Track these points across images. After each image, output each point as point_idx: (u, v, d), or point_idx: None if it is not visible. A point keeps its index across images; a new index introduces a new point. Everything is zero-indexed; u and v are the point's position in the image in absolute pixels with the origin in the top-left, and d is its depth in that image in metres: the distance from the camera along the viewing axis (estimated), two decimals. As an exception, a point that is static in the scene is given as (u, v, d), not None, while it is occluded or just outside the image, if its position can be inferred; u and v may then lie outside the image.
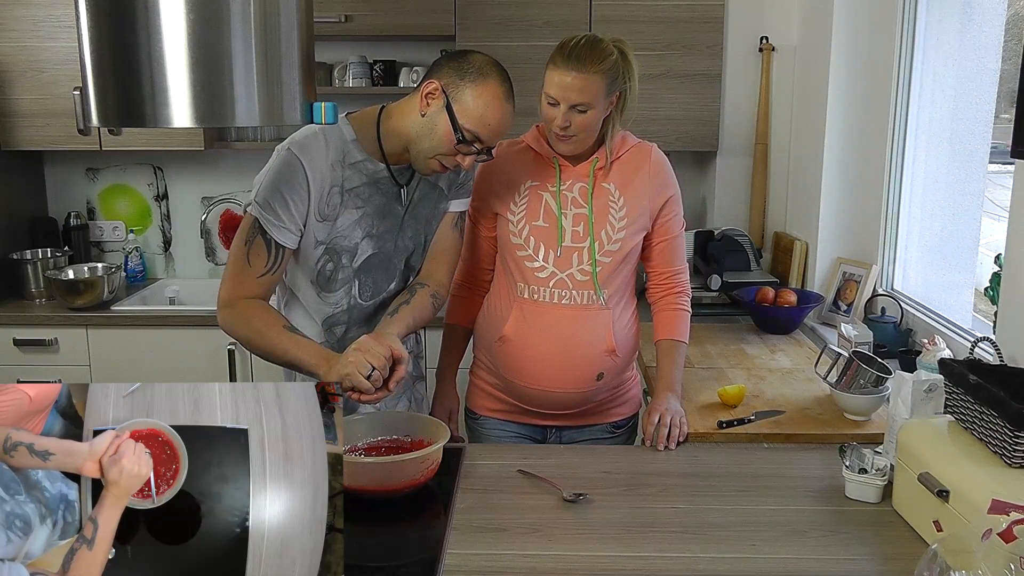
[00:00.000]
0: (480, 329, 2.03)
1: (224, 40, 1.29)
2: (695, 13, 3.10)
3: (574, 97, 1.78)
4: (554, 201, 1.89)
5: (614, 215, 1.90)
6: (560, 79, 1.79)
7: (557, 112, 1.81)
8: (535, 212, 1.90)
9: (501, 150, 1.93)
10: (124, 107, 1.30)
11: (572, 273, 1.89)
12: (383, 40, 3.36)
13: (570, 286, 1.89)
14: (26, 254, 3.31)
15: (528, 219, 1.90)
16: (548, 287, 1.89)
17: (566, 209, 1.89)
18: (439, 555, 1.35)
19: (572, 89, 1.78)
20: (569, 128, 1.82)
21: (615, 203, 1.90)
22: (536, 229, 1.89)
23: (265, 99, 1.35)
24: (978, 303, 2.33)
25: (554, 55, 1.82)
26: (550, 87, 1.81)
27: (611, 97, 1.83)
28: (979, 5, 2.33)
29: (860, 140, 2.84)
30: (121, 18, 1.26)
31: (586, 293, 1.90)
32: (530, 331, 1.90)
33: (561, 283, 1.89)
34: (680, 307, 2.01)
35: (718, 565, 1.33)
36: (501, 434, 2.01)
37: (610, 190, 1.91)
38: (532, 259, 1.90)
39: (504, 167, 1.93)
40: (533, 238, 1.89)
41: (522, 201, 1.91)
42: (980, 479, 1.27)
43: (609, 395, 2.00)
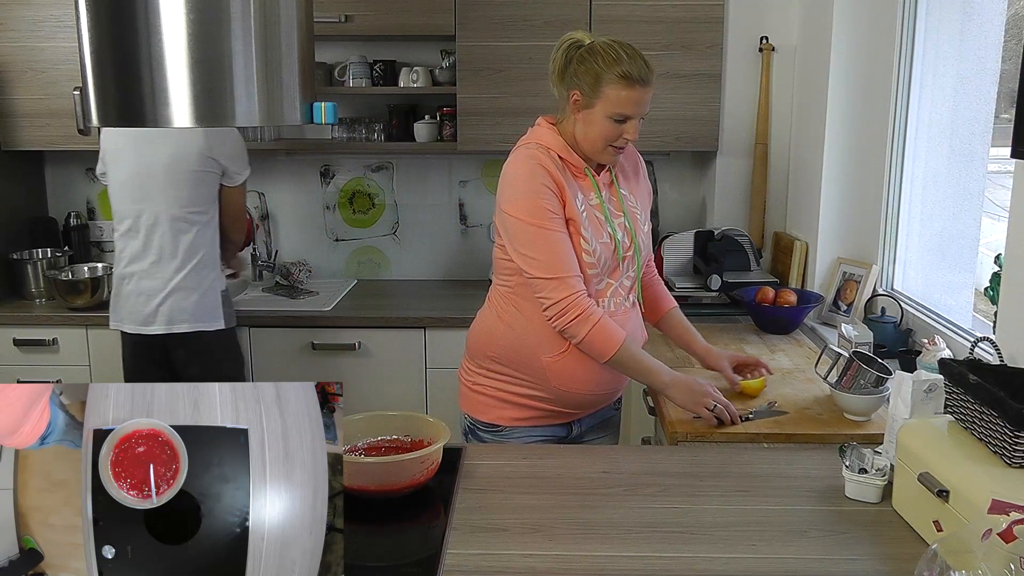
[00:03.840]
0: (518, 346, 1.95)
1: (224, 40, 1.29)
2: (695, 13, 3.10)
3: (645, 110, 1.86)
4: (601, 214, 1.93)
5: (640, 220, 2.01)
6: (639, 96, 1.83)
7: (627, 127, 1.86)
8: (598, 229, 1.92)
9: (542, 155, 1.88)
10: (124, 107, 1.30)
11: (622, 281, 1.99)
12: (383, 40, 3.36)
13: (622, 294, 1.99)
14: (26, 254, 3.31)
15: (596, 236, 1.91)
16: (607, 297, 1.96)
17: (613, 220, 1.95)
18: (439, 555, 1.35)
19: (644, 104, 1.85)
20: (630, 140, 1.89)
21: (636, 208, 2.00)
22: (604, 246, 1.92)
23: (265, 99, 1.35)
24: (978, 303, 2.33)
25: (617, 73, 1.81)
26: (623, 106, 1.83)
27: None
28: (979, 5, 2.33)
29: (860, 140, 2.84)
30: (121, 18, 1.26)
31: (632, 297, 2.02)
32: None
33: (616, 292, 1.98)
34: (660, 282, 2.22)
35: (718, 565, 1.33)
36: (530, 440, 2.01)
37: (627, 196, 2.00)
38: (600, 277, 1.94)
39: (559, 175, 1.87)
40: (604, 255, 1.92)
41: (584, 217, 1.89)
42: (980, 479, 1.27)
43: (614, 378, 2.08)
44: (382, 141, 3.36)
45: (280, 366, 3.06)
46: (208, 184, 2.66)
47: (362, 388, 3.02)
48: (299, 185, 3.58)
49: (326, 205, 3.60)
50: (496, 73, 3.11)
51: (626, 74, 1.81)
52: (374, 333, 3.05)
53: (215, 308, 2.70)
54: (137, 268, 2.66)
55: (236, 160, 2.70)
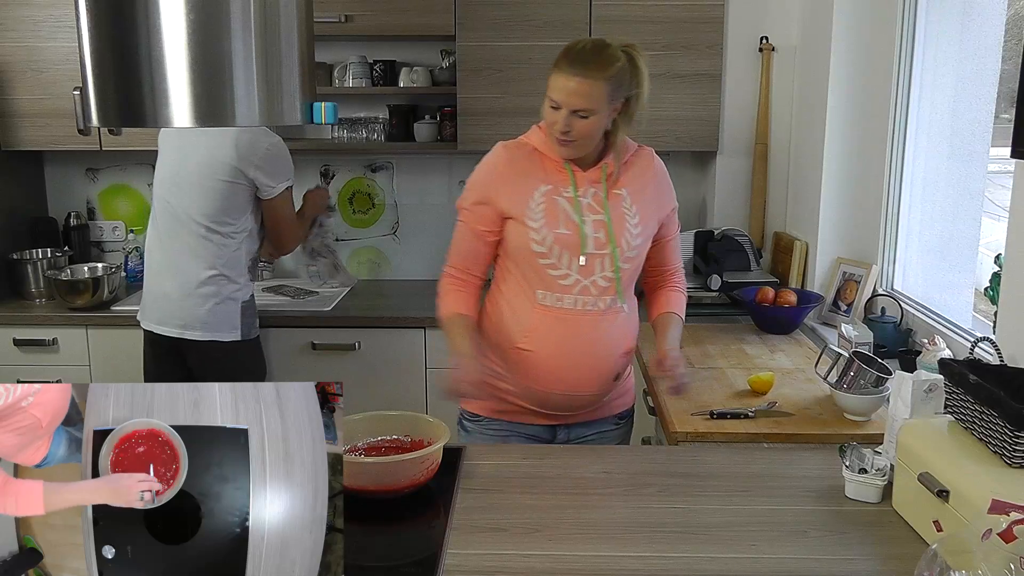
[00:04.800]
0: (490, 335, 1.99)
1: (224, 40, 1.29)
2: (695, 13, 3.10)
3: (576, 102, 1.78)
4: (571, 207, 1.88)
5: (630, 221, 1.92)
6: (564, 83, 1.78)
7: (559, 116, 1.80)
8: (555, 219, 1.88)
9: (507, 151, 1.93)
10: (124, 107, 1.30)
11: (595, 280, 1.90)
12: (383, 40, 3.36)
13: (593, 293, 1.90)
14: (26, 254, 3.31)
15: (549, 226, 1.88)
16: (572, 294, 1.89)
17: (585, 215, 1.88)
18: (439, 555, 1.34)
19: (575, 94, 1.77)
20: (570, 133, 1.81)
21: (629, 210, 1.91)
22: (559, 237, 1.88)
23: (265, 99, 1.35)
24: (978, 303, 2.33)
25: (560, 58, 1.81)
26: (553, 91, 1.80)
27: (615, 103, 1.83)
28: (979, 5, 2.33)
29: (860, 140, 2.84)
30: (121, 18, 1.26)
31: (608, 299, 1.91)
32: (552, 338, 1.90)
33: (585, 290, 1.90)
34: (677, 289, 2.08)
35: (718, 565, 1.33)
36: (508, 435, 2.00)
37: (623, 196, 1.92)
38: (556, 267, 1.89)
39: (513, 169, 1.91)
40: (557, 246, 1.88)
41: (538, 207, 1.88)
42: (980, 479, 1.27)
43: (617, 391, 2.03)
44: (382, 141, 3.36)
45: (280, 366, 3.06)
46: (238, 196, 2.61)
47: (362, 388, 3.02)
48: (299, 185, 3.56)
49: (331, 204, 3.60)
50: (496, 73, 3.11)
51: (563, 59, 1.79)
52: (374, 333, 3.05)
53: (231, 319, 2.66)
54: (160, 267, 2.68)
55: (268, 171, 2.61)
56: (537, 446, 1.95)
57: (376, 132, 3.34)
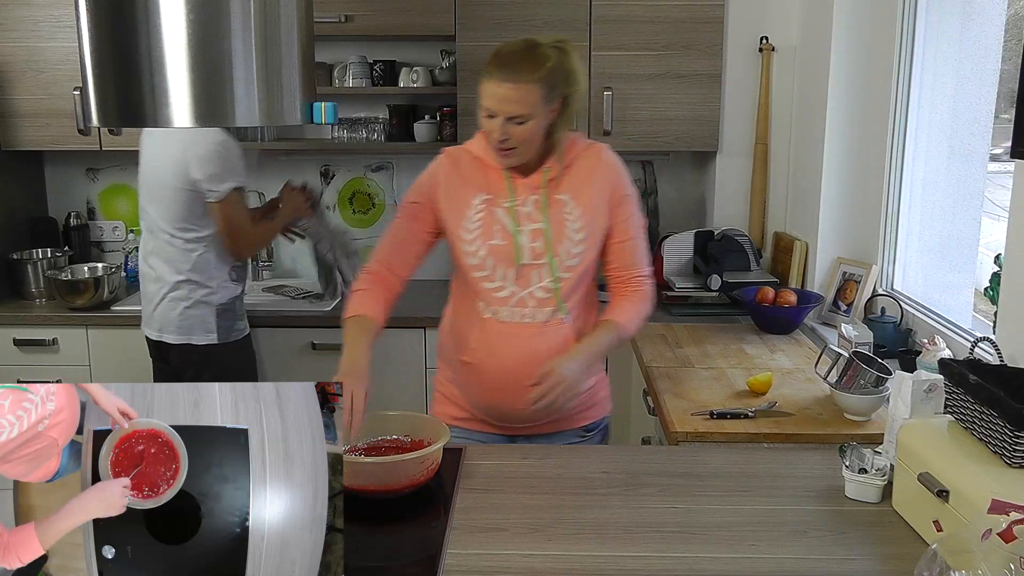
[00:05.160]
0: (443, 345, 1.99)
1: (224, 40, 1.30)
2: (695, 13, 3.10)
3: (510, 109, 1.72)
4: (508, 217, 1.83)
5: (571, 228, 1.83)
6: (495, 90, 1.73)
7: (494, 125, 1.75)
8: (490, 230, 1.83)
9: (449, 159, 1.89)
10: (124, 107, 1.30)
11: (533, 291, 1.84)
12: (383, 40, 3.36)
13: (532, 304, 1.84)
14: (26, 254, 3.31)
15: (483, 238, 1.83)
16: (509, 307, 1.84)
17: (521, 225, 1.82)
18: (439, 555, 1.34)
19: (507, 100, 1.72)
20: (508, 141, 1.75)
21: (571, 215, 1.83)
22: (493, 249, 1.82)
23: (265, 99, 1.35)
24: (978, 303, 2.33)
25: (488, 64, 1.75)
26: (486, 99, 1.74)
27: (552, 104, 1.77)
28: (979, 5, 2.33)
29: (860, 140, 2.84)
30: (121, 18, 1.26)
31: (547, 310, 1.84)
32: (493, 351, 1.86)
33: (522, 302, 1.84)
34: (631, 297, 1.91)
35: (718, 565, 1.33)
36: (467, 443, 1.94)
37: (565, 201, 1.84)
38: (490, 279, 1.84)
39: (453, 178, 1.87)
40: (491, 259, 1.83)
41: (476, 218, 1.83)
42: (980, 479, 1.27)
43: (580, 402, 1.93)
44: (382, 141, 3.36)
45: (280, 366, 3.06)
46: (194, 202, 2.53)
47: (362, 388, 3.02)
48: (299, 185, 3.58)
49: (326, 205, 3.59)
50: (496, 73, 3.11)
51: (491, 65, 1.74)
52: (374, 333, 3.05)
53: (204, 323, 2.63)
54: (144, 271, 2.70)
55: (209, 173, 2.48)
56: (538, 447, 1.95)
57: (376, 132, 3.34)
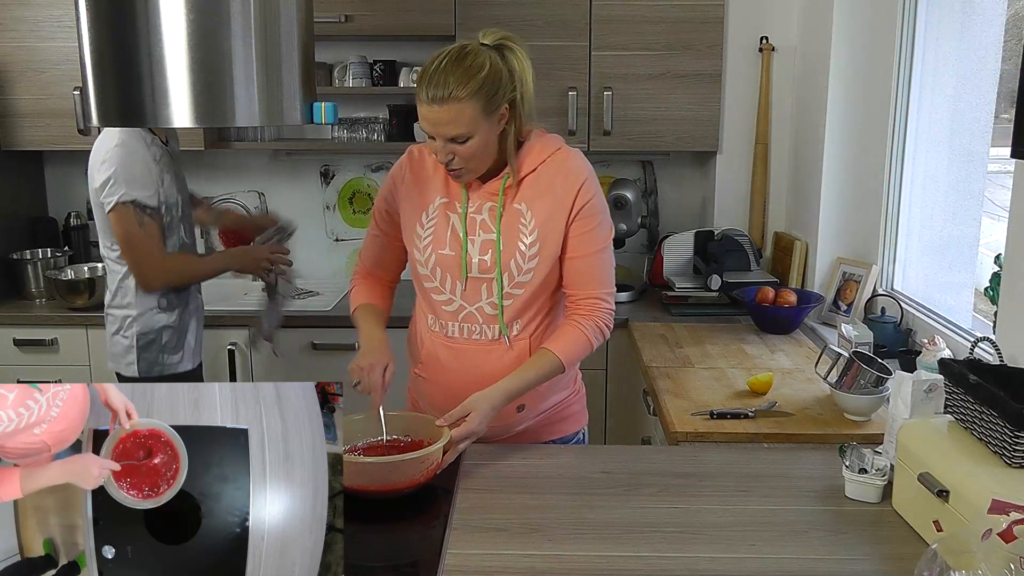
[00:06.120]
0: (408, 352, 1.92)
1: (224, 40, 1.30)
2: (695, 13, 3.10)
3: (447, 131, 1.58)
4: (460, 225, 1.70)
5: (524, 241, 1.68)
6: (426, 113, 1.59)
7: (437, 146, 1.62)
8: (441, 238, 1.71)
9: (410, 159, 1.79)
10: (124, 107, 1.31)
11: (481, 307, 1.72)
12: (383, 40, 3.36)
13: (480, 320, 1.72)
14: (26, 254, 3.32)
15: (434, 246, 1.72)
16: (456, 321, 1.74)
17: (473, 235, 1.69)
18: (439, 555, 1.35)
19: (440, 124, 1.58)
20: (454, 160, 1.62)
21: (526, 226, 1.68)
22: (441, 258, 1.71)
23: (265, 99, 1.35)
24: (978, 303, 2.33)
25: (417, 83, 1.59)
26: (421, 121, 1.61)
27: (496, 113, 1.62)
28: (979, 5, 2.33)
29: (860, 140, 2.84)
30: (121, 18, 1.26)
31: (495, 327, 1.73)
32: (440, 367, 1.78)
33: (470, 317, 1.73)
34: (578, 325, 1.71)
35: (718, 565, 1.33)
36: None
37: (521, 211, 1.69)
38: (440, 291, 1.74)
39: (412, 181, 1.77)
40: (440, 268, 1.72)
41: (429, 223, 1.73)
42: (980, 479, 1.27)
43: (546, 417, 1.87)
44: (382, 141, 3.35)
45: (280, 366, 3.06)
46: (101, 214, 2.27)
47: (362, 388, 3.02)
48: (299, 185, 3.58)
49: (326, 205, 3.60)
50: (496, 73, 3.10)
51: (420, 85, 1.59)
52: (374, 333, 3.05)
53: (126, 353, 2.35)
54: None
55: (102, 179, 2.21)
56: (539, 446, 1.95)
57: (376, 132, 3.34)
